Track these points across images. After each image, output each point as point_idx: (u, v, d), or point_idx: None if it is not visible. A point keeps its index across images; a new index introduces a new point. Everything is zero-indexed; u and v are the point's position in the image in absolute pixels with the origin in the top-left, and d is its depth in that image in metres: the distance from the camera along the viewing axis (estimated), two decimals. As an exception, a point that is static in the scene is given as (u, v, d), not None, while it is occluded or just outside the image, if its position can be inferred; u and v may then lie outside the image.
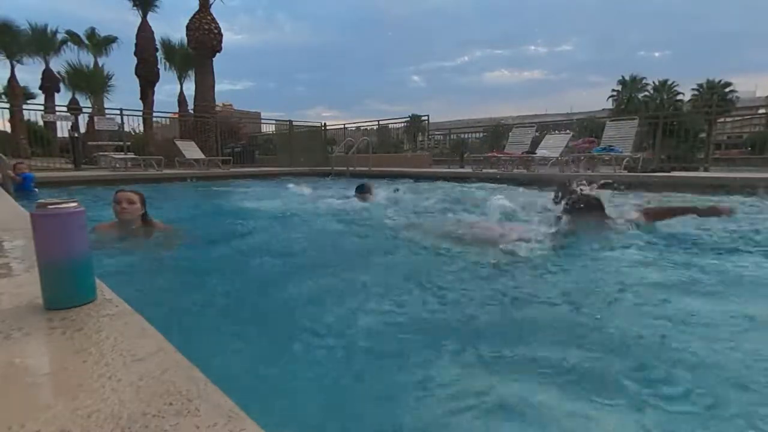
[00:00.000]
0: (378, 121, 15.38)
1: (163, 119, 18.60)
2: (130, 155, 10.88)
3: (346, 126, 15.83)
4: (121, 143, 11.54)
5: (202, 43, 13.95)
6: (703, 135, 21.96)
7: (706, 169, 10.80)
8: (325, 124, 15.24)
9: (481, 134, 21.57)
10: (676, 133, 11.28)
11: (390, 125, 16.43)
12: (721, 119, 25.86)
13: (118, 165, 10.38)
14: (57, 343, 0.73)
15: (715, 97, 37.01)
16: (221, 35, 14.28)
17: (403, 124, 17.82)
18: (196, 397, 0.58)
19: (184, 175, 9.50)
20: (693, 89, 40.27)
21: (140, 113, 15.97)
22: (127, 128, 12.06)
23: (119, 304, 0.89)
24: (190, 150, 11.50)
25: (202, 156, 11.40)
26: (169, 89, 29.26)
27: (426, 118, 15.32)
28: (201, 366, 0.68)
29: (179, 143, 11.60)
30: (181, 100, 24.78)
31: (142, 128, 17.07)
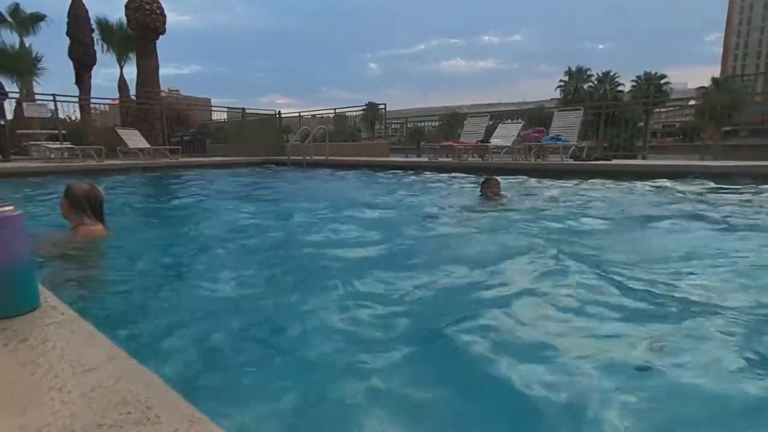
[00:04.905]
0: (334, 109, 15.18)
1: (102, 106, 17.37)
2: (66, 144, 10.08)
3: (301, 114, 15.49)
4: (56, 132, 10.66)
5: (144, 24, 13.08)
6: (641, 124, 23.47)
7: (644, 157, 11.59)
8: (279, 112, 14.85)
9: (438, 123, 21.83)
10: (617, 122, 11.98)
11: (347, 113, 16.25)
12: (657, 109, 27.69)
13: (52, 155, 9.61)
14: (0, 355, 0.69)
15: (652, 88, 39.55)
16: (164, 16, 13.45)
17: (360, 112, 17.66)
18: (156, 404, 0.57)
19: (128, 165, 8.96)
20: (632, 81, 42.81)
21: (76, 99, 14.77)
22: (61, 115, 11.17)
23: (65, 311, 0.85)
24: (134, 139, 10.84)
25: (147, 145, 10.79)
26: (108, 73, 27.22)
27: (383, 106, 15.24)
28: (157, 371, 0.67)
29: (121, 132, 10.90)
30: (122, 84, 23.16)
31: (78, 115, 15.84)
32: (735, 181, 4.87)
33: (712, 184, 4.84)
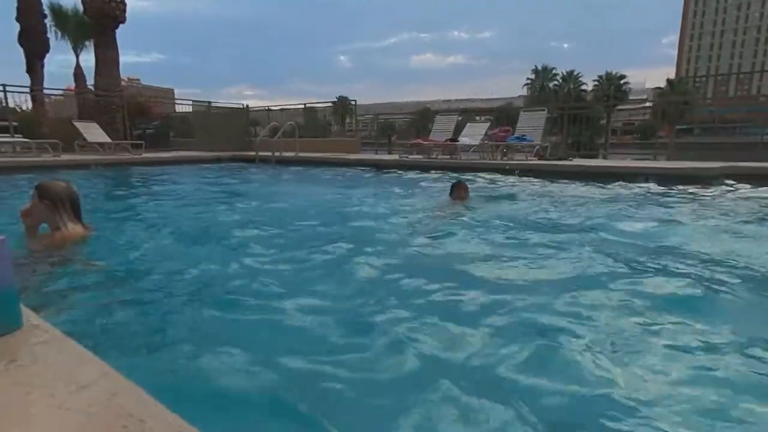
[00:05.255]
0: (304, 103, 15.03)
1: (57, 96, 16.48)
2: (19, 138, 9.56)
3: (270, 108, 15.25)
4: (6, 123, 10.06)
5: (102, 12, 12.46)
6: (603, 122, 24.50)
7: (605, 156, 12.18)
8: (247, 105, 14.59)
9: (409, 118, 22.03)
10: (580, 121, 12.62)
11: (317, 107, 16.12)
12: (618, 107, 28.92)
13: (3, 149, 9.12)
14: (-8, 377, 0.72)
15: (612, 88, 41.18)
16: (124, 4, 12.86)
17: (330, 106, 17.55)
18: (148, 417, 0.64)
19: (88, 161, 8.59)
20: (594, 80, 44.44)
21: (28, 89, 13.96)
22: (11, 105, 10.55)
23: (48, 329, 0.88)
24: (93, 132, 10.37)
25: (108, 139, 10.36)
26: (63, 60, 25.60)
27: (354, 102, 15.27)
28: (145, 383, 0.72)
29: (78, 125, 10.40)
30: (78, 73, 22.01)
31: (30, 105, 14.97)
32: (689, 183, 5.23)
33: (666, 187, 5.17)
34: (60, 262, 2.06)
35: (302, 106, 15.30)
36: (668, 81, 41.79)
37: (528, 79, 46.49)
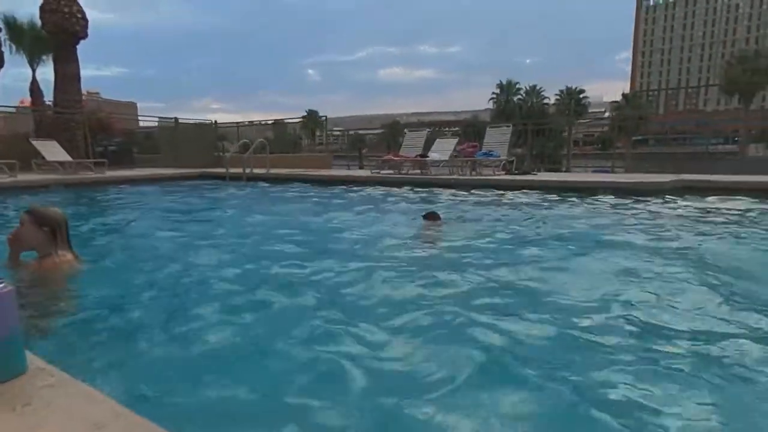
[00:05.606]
0: (274, 120, 15.04)
1: (9, 111, 15.73)
2: (-29, 157, 9.07)
3: (239, 124, 15.16)
4: (-43, 143, 9.56)
5: (62, 28, 12.08)
6: (565, 134, 25.65)
7: (568, 168, 12.76)
8: (215, 121, 14.45)
9: (380, 132, 22.35)
10: (543, 133, 13.30)
11: (286, 122, 16.12)
12: (579, 120, 30.33)
13: (-46, 170, 8.62)
14: (10, 421, 0.76)
15: (573, 102, 43.16)
16: (86, 20, 12.53)
17: (300, 120, 17.57)
18: (164, 452, 0.70)
19: (47, 181, 8.26)
20: (556, 94, 46.48)
21: (-21, 106, 13.32)
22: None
23: (54, 372, 0.92)
24: (52, 150, 9.99)
25: (68, 158, 9.99)
26: (18, 73, 24.42)
27: (324, 117, 15.40)
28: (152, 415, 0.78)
29: (36, 143, 9.99)
30: (35, 88, 21.15)
31: (-18, 123, 14.22)
32: (644, 195, 5.59)
33: (622, 199, 5.50)
34: (53, 295, 2.00)
35: (272, 121, 15.31)
36: (624, 95, 44.20)
37: (493, 93, 47.94)
